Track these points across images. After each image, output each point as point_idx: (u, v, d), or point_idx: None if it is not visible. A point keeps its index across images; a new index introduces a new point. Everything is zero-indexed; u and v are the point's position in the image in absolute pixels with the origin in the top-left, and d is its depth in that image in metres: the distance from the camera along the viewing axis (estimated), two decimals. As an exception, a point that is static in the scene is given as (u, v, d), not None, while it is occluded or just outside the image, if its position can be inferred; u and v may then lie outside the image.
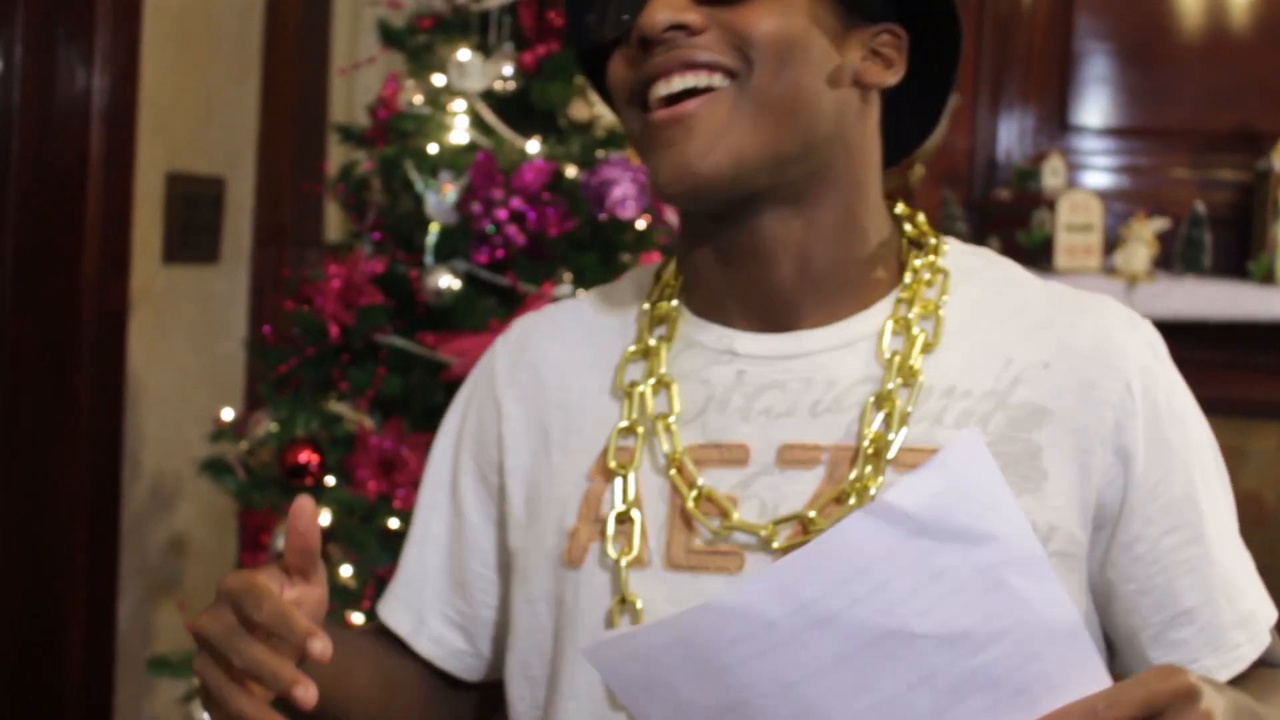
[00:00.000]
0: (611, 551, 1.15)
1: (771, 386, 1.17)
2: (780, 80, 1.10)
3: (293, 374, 2.79)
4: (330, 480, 2.70)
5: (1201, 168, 4.29)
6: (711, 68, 1.10)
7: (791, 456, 1.14)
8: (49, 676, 3.29)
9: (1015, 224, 4.13)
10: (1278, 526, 4.04)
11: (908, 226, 1.23)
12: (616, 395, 1.22)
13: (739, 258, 1.17)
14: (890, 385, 1.13)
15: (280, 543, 2.70)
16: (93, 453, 3.30)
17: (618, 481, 1.17)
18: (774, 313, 1.18)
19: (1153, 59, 4.33)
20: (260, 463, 2.83)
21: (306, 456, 2.66)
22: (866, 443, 1.12)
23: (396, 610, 1.35)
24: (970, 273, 1.21)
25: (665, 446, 1.17)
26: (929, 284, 1.19)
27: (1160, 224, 3.98)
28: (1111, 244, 4.06)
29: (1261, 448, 4.10)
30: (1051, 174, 4.16)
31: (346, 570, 2.70)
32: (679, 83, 1.10)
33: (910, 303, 1.17)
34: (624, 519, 1.16)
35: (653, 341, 1.22)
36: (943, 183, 4.32)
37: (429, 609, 1.33)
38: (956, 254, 1.23)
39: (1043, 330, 1.17)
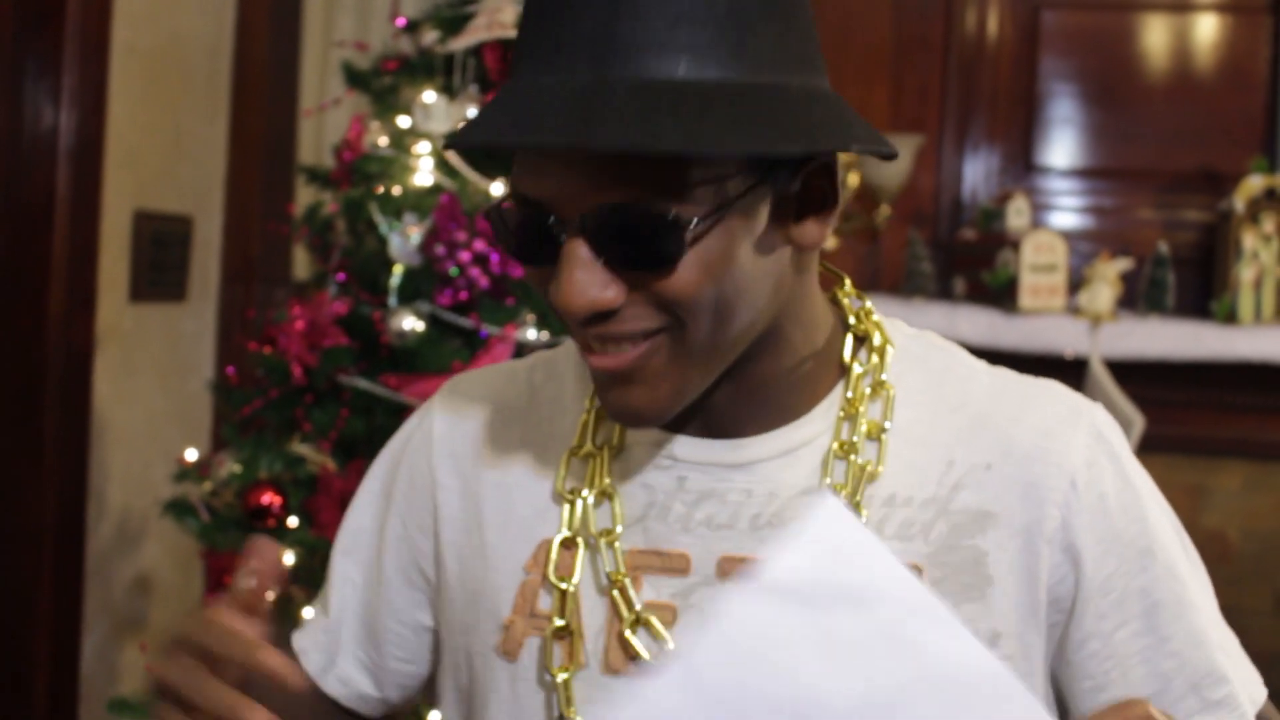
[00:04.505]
0: (553, 664, 1.16)
1: (712, 496, 1.16)
2: (717, 330, 1.05)
3: (257, 415, 2.79)
4: (293, 522, 2.70)
5: (1165, 208, 4.32)
6: (642, 334, 1.05)
7: (732, 569, 1.14)
8: (13, 716, 3.27)
9: (980, 264, 4.16)
10: (1241, 564, 4.06)
11: (852, 319, 1.20)
12: (555, 497, 1.21)
13: None
14: None
15: (241, 583, 2.71)
16: (58, 490, 3.29)
17: (557, 593, 1.18)
18: (712, 421, 1.16)
19: (1117, 100, 4.36)
20: (224, 504, 2.82)
21: (269, 498, 2.66)
22: None
23: (309, 649, 1.35)
24: (915, 359, 1.20)
25: (607, 565, 1.16)
26: (873, 397, 1.17)
27: (1124, 264, 4.00)
28: (1076, 284, 4.08)
29: (1225, 486, 4.12)
30: (1016, 214, 4.18)
31: (309, 612, 2.69)
32: (612, 348, 1.06)
33: (853, 421, 1.15)
34: (563, 632, 1.17)
35: (595, 445, 1.20)
36: (909, 222, 4.35)
37: (341, 651, 1.34)
38: (900, 340, 1.21)
39: (984, 427, 1.16)
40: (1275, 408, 4.03)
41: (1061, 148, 4.41)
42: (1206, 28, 4.34)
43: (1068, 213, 4.40)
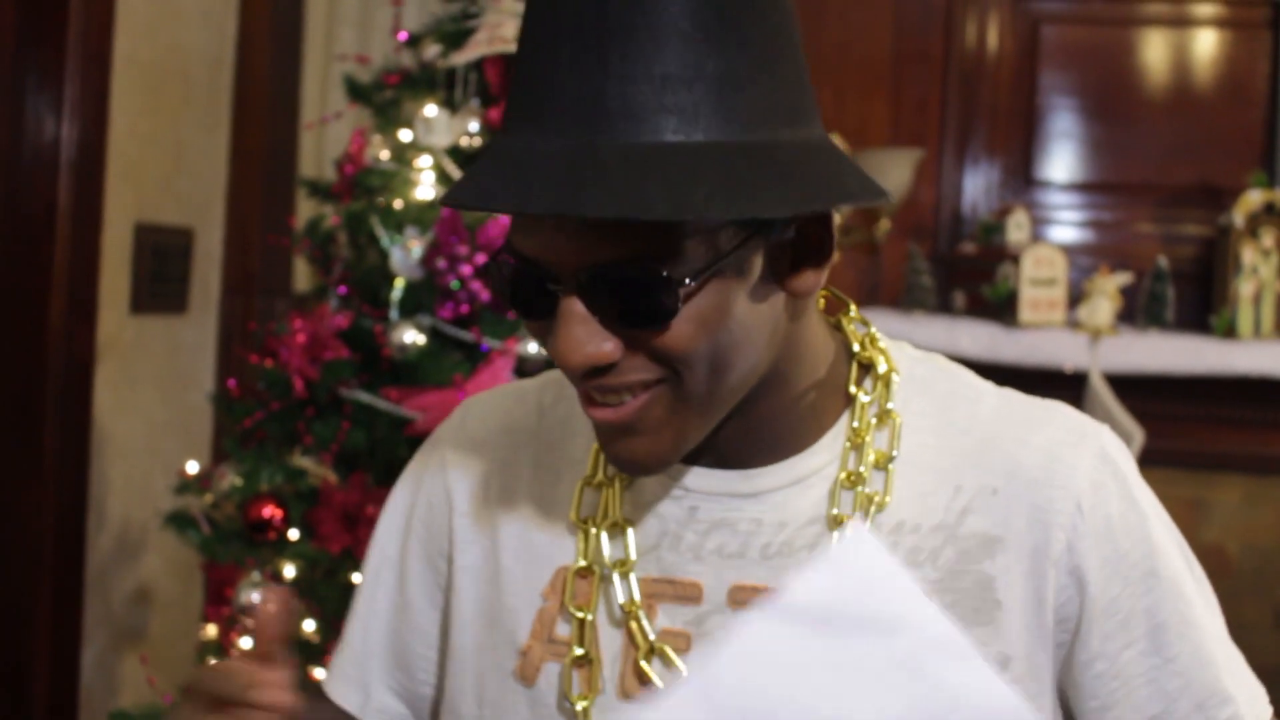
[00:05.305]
0: (572, 691, 1.17)
1: (723, 525, 1.17)
2: (714, 380, 1.05)
3: (257, 428, 2.79)
4: (294, 534, 2.70)
5: (1164, 223, 4.33)
6: (641, 386, 1.05)
7: (743, 598, 1.15)
8: (11, 728, 3.28)
9: (980, 278, 4.16)
10: (1241, 578, 4.06)
11: (857, 347, 1.21)
12: (571, 526, 1.22)
13: None
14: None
15: (244, 596, 2.71)
16: (58, 502, 3.29)
17: (575, 621, 1.19)
18: (722, 454, 1.17)
19: (1116, 115, 4.37)
20: (225, 516, 2.82)
21: (270, 511, 2.67)
22: None
23: (343, 687, 1.36)
24: (921, 384, 1.20)
25: (622, 595, 1.18)
26: (879, 426, 1.17)
27: (1124, 278, 4.01)
28: (1075, 298, 4.09)
29: (1224, 500, 4.12)
30: (1016, 228, 4.19)
31: (309, 625, 2.70)
32: (613, 399, 1.06)
33: (860, 451, 1.16)
34: (582, 661, 1.18)
35: (608, 476, 1.21)
36: (909, 236, 4.35)
37: (374, 682, 1.35)
38: (906, 365, 1.21)
39: (991, 451, 1.16)
40: (1274, 422, 4.04)
41: (1061, 162, 4.42)
42: (1206, 43, 4.35)
43: (1067, 227, 4.41)
